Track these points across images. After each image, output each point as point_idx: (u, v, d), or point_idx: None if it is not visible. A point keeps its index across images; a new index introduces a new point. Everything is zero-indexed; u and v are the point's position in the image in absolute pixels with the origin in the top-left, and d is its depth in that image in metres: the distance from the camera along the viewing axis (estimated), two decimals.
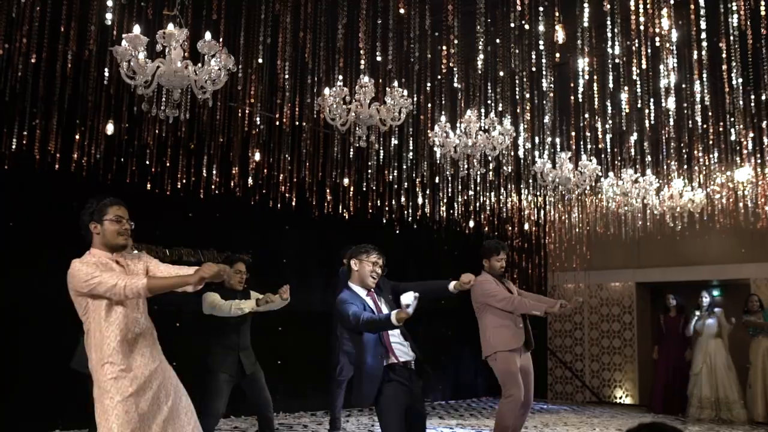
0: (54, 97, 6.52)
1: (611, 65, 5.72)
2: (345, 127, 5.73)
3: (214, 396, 5.74)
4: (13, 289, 6.93)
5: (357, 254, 4.54)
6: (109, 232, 3.64)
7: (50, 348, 6.75)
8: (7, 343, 6.86)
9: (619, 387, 12.22)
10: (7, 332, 6.85)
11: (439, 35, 5.82)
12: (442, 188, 9.77)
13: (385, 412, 4.31)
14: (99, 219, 3.64)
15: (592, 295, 12.66)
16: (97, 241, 3.66)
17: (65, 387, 5.95)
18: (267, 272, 9.37)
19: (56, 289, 7.31)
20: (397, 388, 4.33)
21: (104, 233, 3.64)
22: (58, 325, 6.87)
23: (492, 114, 6.58)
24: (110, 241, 3.65)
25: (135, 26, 4.52)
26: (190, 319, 7.06)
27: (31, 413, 6.92)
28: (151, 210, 8.20)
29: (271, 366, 8.57)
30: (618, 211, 9.88)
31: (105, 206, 3.66)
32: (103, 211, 3.65)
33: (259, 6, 5.52)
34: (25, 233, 7.14)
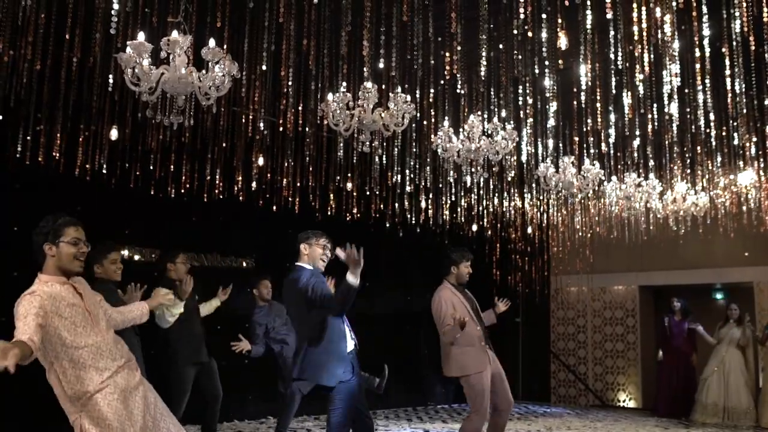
0: (59, 103, 6.55)
1: (614, 70, 5.72)
2: (348, 133, 5.74)
3: (183, 393, 5.79)
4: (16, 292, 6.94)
5: (306, 239, 4.89)
6: (65, 256, 3.37)
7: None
8: None
9: (622, 390, 12.22)
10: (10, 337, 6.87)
11: (442, 41, 5.83)
12: (445, 192, 9.78)
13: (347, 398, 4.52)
14: (54, 240, 3.37)
15: (596, 298, 12.66)
16: (51, 265, 3.39)
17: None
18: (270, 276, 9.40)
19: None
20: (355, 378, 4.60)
21: (59, 256, 3.37)
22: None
23: (495, 119, 6.59)
24: (65, 265, 3.38)
25: (139, 33, 4.54)
26: None
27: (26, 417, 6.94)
28: (154, 215, 8.24)
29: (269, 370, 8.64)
30: (621, 215, 9.88)
31: (62, 226, 3.39)
32: (60, 231, 3.38)
33: (262, 13, 5.54)
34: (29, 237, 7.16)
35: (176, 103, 5.04)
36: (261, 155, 8.12)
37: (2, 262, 7.04)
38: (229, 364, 7.02)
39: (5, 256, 7.03)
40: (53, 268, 3.39)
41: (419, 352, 11.18)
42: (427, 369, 11.29)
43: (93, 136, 7.13)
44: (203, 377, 5.99)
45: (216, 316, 6.87)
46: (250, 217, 8.99)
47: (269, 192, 8.78)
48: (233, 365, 7.42)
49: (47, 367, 3.35)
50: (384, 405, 10.67)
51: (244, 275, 9.36)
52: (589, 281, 12.24)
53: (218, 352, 6.48)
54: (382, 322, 10.69)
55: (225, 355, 6.56)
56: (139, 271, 8.18)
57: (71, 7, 5.23)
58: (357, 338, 4.92)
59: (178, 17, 4.82)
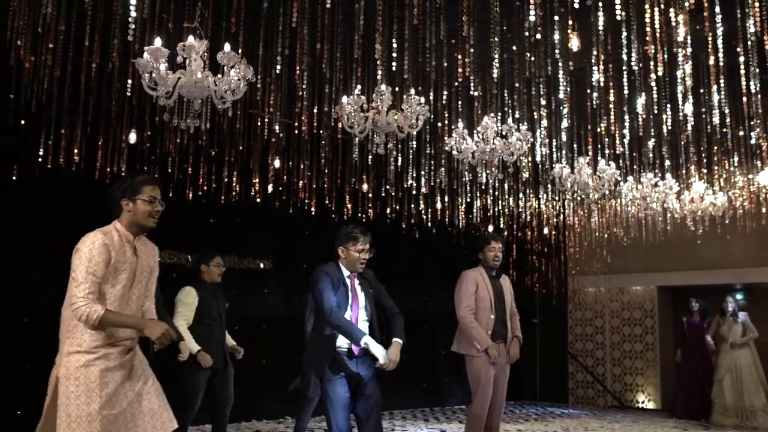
0: (78, 108, 6.66)
1: (627, 71, 5.73)
2: (363, 135, 5.80)
3: (196, 392, 5.82)
4: (38, 295, 7.07)
5: (343, 243, 4.67)
6: (141, 212, 3.46)
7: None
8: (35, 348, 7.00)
9: (641, 391, 12.16)
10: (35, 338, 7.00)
11: (455, 43, 5.87)
12: (460, 193, 9.80)
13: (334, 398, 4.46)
14: (132, 196, 3.46)
15: (613, 298, 12.61)
16: (125, 219, 3.47)
17: None
18: (287, 278, 9.48)
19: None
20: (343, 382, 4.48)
21: (135, 212, 3.46)
22: None
23: (509, 120, 6.61)
24: (140, 221, 3.47)
25: (156, 39, 4.63)
26: None
27: None
28: (172, 217, 8.31)
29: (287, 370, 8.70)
30: (638, 215, 9.85)
31: (140, 184, 3.47)
32: (138, 189, 3.46)
33: (276, 17, 5.60)
34: (51, 240, 7.28)
35: (193, 106, 5.12)
36: (277, 157, 8.20)
37: (25, 264, 7.17)
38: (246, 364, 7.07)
39: (28, 258, 7.15)
40: (127, 221, 3.48)
41: (436, 353, 11.20)
42: (443, 369, 11.31)
43: (112, 140, 7.24)
44: (217, 382, 5.99)
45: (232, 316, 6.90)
46: (266, 219, 9.07)
47: (285, 194, 8.85)
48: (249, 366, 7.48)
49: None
50: (401, 405, 10.71)
51: (261, 276, 9.46)
52: (607, 282, 12.20)
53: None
54: None
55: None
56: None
57: (90, 14, 5.33)
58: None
59: (194, 22, 4.90)
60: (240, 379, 6.45)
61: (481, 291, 5.94)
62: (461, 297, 5.95)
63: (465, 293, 5.93)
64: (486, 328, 5.88)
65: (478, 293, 5.94)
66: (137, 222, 3.48)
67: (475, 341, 5.81)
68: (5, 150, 6.91)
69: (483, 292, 5.95)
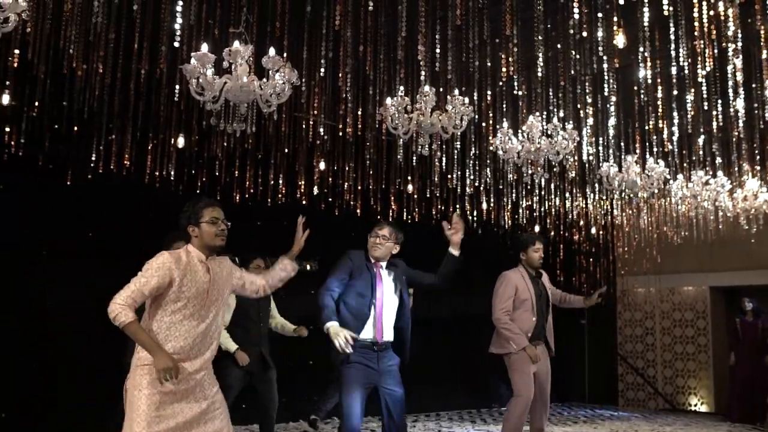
0: (128, 114, 6.82)
1: (675, 67, 5.62)
2: (407, 136, 5.81)
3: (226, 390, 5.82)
4: (92, 296, 7.24)
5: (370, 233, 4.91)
6: (207, 234, 3.69)
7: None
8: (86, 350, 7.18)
9: (693, 394, 11.89)
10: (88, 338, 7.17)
11: (499, 42, 5.83)
12: (506, 193, 9.73)
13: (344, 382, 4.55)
14: (196, 222, 3.70)
15: (664, 299, 12.37)
16: (196, 243, 3.72)
17: None
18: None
19: None
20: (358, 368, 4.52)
21: (202, 235, 3.69)
22: None
23: (555, 119, 6.54)
24: (208, 243, 3.70)
25: (203, 45, 4.71)
26: None
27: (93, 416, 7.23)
28: None
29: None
30: (688, 214, 9.65)
31: (200, 209, 3.71)
32: (199, 213, 3.70)
33: (320, 21, 5.65)
34: (103, 242, 7.47)
35: (239, 110, 5.20)
36: (322, 159, 8.26)
37: (81, 266, 7.34)
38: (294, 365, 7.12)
39: (83, 261, 7.33)
40: (198, 245, 3.71)
41: (482, 354, 11.12)
42: (490, 370, 11.23)
43: (161, 144, 7.39)
44: (259, 384, 5.99)
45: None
46: (312, 221, 9.10)
47: (331, 195, 8.91)
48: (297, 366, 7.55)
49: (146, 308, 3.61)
50: (448, 407, 10.68)
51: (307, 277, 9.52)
52: (657, 282, 11.97)
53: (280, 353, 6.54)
54: (444, 324, 10.70)
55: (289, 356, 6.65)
56: None
57: (138, 22, 5.45)
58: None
59: (239, 28, 4.98)
60: (288, 380, 6.50)
61: (522, 293, 5.86)
62: (498, 299, 5.88)
63: (503, 296, 5.86)
64: (527, 330, 5.81)
65: (519, 295, 5.86)
66: (206, 244, 3.70)
67: (511, 342, 5.74)
68: (59, 156, 7.11)
69: (524, 294, 5.86)
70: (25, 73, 5.82)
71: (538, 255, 5.99)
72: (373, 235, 4.87)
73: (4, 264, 6.85)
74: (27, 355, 6.97)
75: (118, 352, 6.36)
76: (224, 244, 3.78)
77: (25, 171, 6.93)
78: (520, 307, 5.84)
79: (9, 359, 6.79)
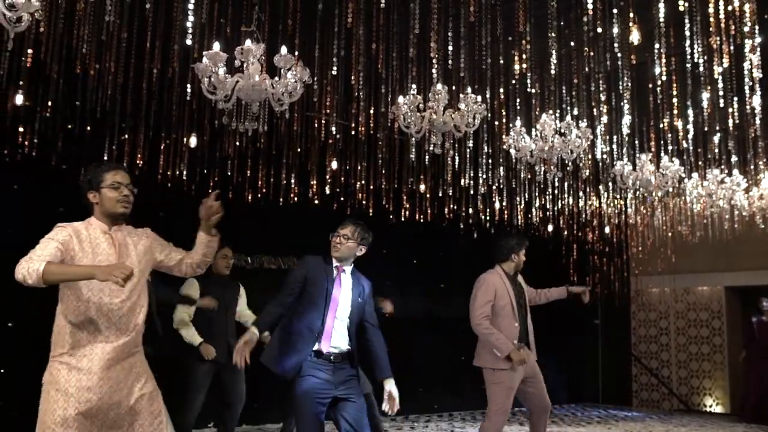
0: (140, 113, 6.83)
1: (691, 64, 5.55)
2: (419, 134, 5.78)
3: (197, 389, 5.69)
4: None
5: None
6: (108, 200, 3.33)
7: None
8: None
9: (708, 395, 11.79)
10: None
11: (512, 40, 5.79)
12: (519, 193, 9.68)
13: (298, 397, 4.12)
14: (96, 186, 3.35)
15: (679, 299, 12.28)
16: (97, 211, 3.37)
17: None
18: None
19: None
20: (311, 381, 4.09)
21: (102, 202, 3.34)
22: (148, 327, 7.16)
23: (568, 117, 6.49)
24: (109, 210, 3.34)
25: (215, 43, 4.70)
26: None
27: None
28: (232, 219, 8.46)
29: None
30: (703, 213, 9.56)
31: (102, 172, 3.36)
32: (100, 177, 3.35)
33: (332, 19, 5.64)
34: None
35: (251, 109, 5.19)
36: (334, 159, 8.25)
37: None
38: None
39: None
40: (99, 214, 3.38)
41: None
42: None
43: (173, 144, 7.40)
44: (225, 378, 5.82)
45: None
46: (324, 220, 9.11)
47: (343, 195, 8.89)
48: None
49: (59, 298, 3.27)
50: (460, 407, 10.63)
51: None
52: (672, 282, 11.88)
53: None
54: (456, 324, 10.61)
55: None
56: None
57: (151, 22, 5.46)
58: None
59: (251, 26, 4.97)
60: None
61: (501, 298, 5.50)
62: (476, 305, 5.48)
63: (482, 300, 5.48)
64: (512, 337, 5.43)
65: (498, 300, 5.49)
66: (107, 212, 3.36)
67: (495, 348, 5.36)
68: (72, 156, 7.12)
69: (504, 299, 5.51)
70: (38, 73, 5.84)
71: (524, 259, 5.79)
72: (334, 234, 4.47)
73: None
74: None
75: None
76: (128, 211, 3.41)
77: (38, 171, 6.95)
78: (501, 313, 5.49)
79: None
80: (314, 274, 4.31)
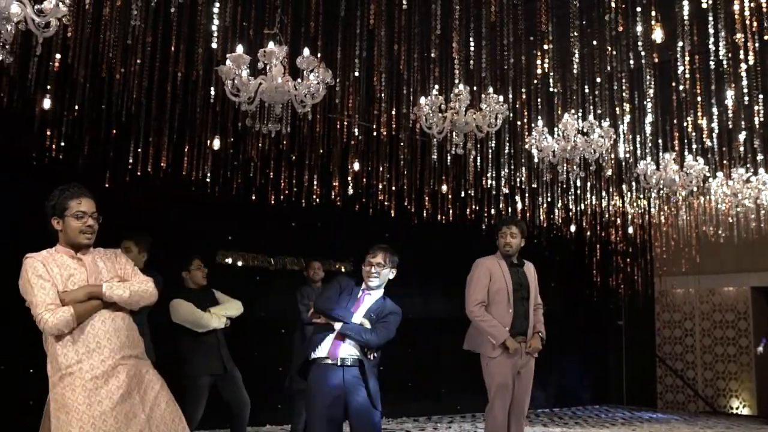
0: (165, 116, 6.90)
1: (714, 62, 5.50)
2: (441, 135, 5.78)
3: (197, 402, 5.60)
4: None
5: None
6: (71, 230, 3.26)
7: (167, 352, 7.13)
8: None
9: (735, 397, 11.65)
10: None
11: (534, 40, 5.78)
12: (541, 193, 9.65)
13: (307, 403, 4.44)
14: (60, 213, 3.27)
15: (704, 300, 12.15)
16: (61, 238, 3.31)
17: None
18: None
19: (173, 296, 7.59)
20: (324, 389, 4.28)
21: (66, 230, 3.26)
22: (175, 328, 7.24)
23: (590, 116, 6.46)
24: (72, 239, 3.27)
25: (238, 46, 4.74)
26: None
27: None
28: (255, 221, 8.54)
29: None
30: (728, 212, 9.45)
31: (66, 199, 3.27)
32: (65, 204, 3.27)
33: (354, 21, 5.66)
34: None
35: (274, 111, 5.23)
36: (356, 160, 8.27)
37: None
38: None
39: None
40: (63, 241, 3.32)
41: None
42: None
43: (197, 146, 7.46)
44: (226, 387, 5.79)
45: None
46: (347, 221, 9.16)
47: (365, 196, 8.92)
48: None
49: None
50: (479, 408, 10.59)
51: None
52: (697, 283, 11.76)
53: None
54: None
55: None
56: (242, 275, 8.51)
57: (175, 25, 5.52)
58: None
59: (273, 29, 5.00)
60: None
61: (496, 282, 5.30)
62: (471, 290, 5.33)
63: (476, 286, 5.31)
64: (503, 324, 5.24)
65: (493, 285, 5.30)
66: (69, 241, 3.29)
67: (490, 336, 5.18)
68: (97, 159, 7.20)
69: (499, 283, 5.30)
70: (65, 77, 5.92)
71: (504, 241, 5.44)
72: (367, 264, 4.56)
73: None
74: None
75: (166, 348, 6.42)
76: (91, 242, 3.32)
77: (65, 174, 7.03)
78: (495, 299, 5.29)
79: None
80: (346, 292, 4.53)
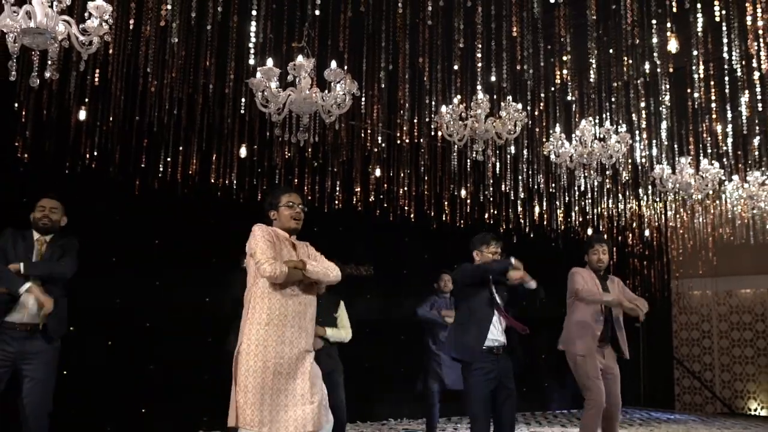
0: (195, 126, 7.13)
1: (728, 69, 5.65)
2: (462, 142, 5.97)
3: None
4: (159, 300, 7.58)
5: (476, 246, 5.20)
6: (284, 217, 4.11)
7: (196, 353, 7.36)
8: (156, 350, 7.51)
9: (753, 398, 11.72)
10: (154, 340, 7.51)
11: (552, 49, 5.96)
12: (558, 197, 9.80)
13: (472, 384, 4.92)
14: (275, 206, 4.14)
15: (721, 302, 12.23)
16: (276, 226, 4.13)
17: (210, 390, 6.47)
18: (389, 283, 9.73)
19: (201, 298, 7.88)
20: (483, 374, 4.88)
21: (280, 218, 4.12)
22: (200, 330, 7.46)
23: (607, 123, 6.62)
24: (284, 225, 4.11)
25: (268, 59, 4.96)
26: None
27: (177, 414, 7.53)
28: None
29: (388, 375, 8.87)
30: (744, 215, 9.56)
31: (278, 194, 4.17)
32: (278, 198, 4.14)
33: (379, 34, 5.86)
34: (169, 249, 7.79)
35: (301, 121, 5.44)
36: (378, 167, 8.46)
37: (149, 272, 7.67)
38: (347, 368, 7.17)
39: (151, 267, 7.66)
40: (278, 228, 4.12)
41: (537, 357, 11.18)
42: (545, 374, 11.27)
43: (224, 155, 7.68)
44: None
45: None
46: (368, 226, 9.34)
47: (386, 201, 9.10)
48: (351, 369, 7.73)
49: (248, 284, 3.95)
50: None
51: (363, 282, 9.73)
52: (714, 285, 11.85)
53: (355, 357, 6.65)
54: None
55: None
56: None
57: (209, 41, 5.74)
58: None
59: (302, 42, 5.22)
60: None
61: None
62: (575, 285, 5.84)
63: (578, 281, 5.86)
64: (595, 330, 5.78)
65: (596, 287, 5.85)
66: (283, 226, 4.13)
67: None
68: (128, 167, 7.43)
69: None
70: (101, 90, 6.15)
71: (597, 257, 5.99)
72: (492, 252, 5.23)
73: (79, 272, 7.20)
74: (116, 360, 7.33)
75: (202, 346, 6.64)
76: (299, 226, 4.15)
77: (98, 182, 7.27)
78: (589, 310, 5.81)
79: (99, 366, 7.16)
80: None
